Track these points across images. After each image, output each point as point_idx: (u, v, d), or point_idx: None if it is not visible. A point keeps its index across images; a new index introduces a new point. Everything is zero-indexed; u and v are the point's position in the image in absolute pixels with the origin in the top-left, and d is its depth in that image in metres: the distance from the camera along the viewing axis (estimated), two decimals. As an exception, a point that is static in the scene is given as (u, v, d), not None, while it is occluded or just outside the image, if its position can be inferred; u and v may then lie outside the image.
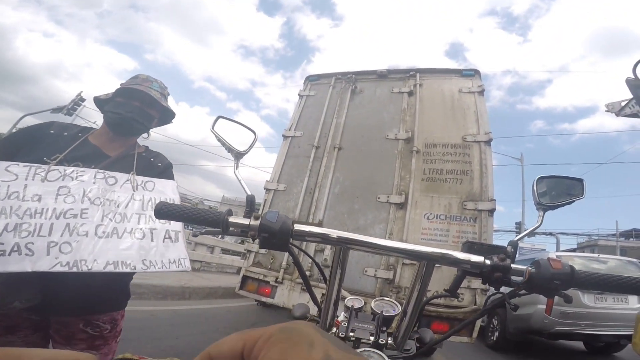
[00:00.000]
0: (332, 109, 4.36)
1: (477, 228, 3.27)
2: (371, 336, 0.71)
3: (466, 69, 4.16)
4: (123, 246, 1.09)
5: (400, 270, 3.31)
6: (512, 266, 0.61)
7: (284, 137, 4.45)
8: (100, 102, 1.38)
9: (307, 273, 3.03)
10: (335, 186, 3.90)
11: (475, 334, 3.09)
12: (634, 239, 28.38)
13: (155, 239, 1.16)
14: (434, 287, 2.71)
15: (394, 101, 4.19)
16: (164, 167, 1.44)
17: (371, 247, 0.64)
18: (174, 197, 1.30)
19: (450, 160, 3.63)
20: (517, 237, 0.75)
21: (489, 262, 0.61)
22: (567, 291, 0.61)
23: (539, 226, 0.80)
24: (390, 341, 0.74)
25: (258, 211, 0.66)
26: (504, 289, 0.66)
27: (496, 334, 5.79)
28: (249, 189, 0.76)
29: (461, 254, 0.63)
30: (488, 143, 3.59)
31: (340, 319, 0.80)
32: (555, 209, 0.80)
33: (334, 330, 0.75)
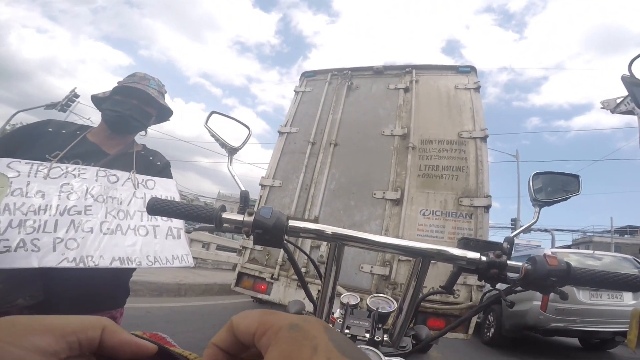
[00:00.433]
0: (328, 105, 4.35)
1: (473, 224, 3.28)
2: (367, 333, 0.70)
3: (462, 66, 4.16)
4: (128, 242, 1.11)
5: (396, 267, 3.32)
6: (508, 263, 0.61)
7: (280, 133, 4.43)
8: (98, 101, 1.39)
9: (302, 269, 3.03)
10: (331, 182, 3.89)
11: (471, 330, 3.11)
12: (629, 236, 28.64)
13: (158, 235, 1.18)
14: (430, 283, 2.72)
15: (390, 97, 4.19)
16: (163, 166, 1.46)
17: (367, 244, 0.64)
18: (174, 195, 1.31)
19: (446, 156, 3.63)
20: (513, 233, 0.74)
21: (485, 259, 0.61)
22: (562, 288, 0.61)
23: (535, 222, 0.80)
24: (386, 338, 0.74)
25: (252, 207, 0.65)
26: (500, 286, 0.66)
27: (492, 330, 5.83)
28: (243, 184, 0.75)
29: (457, 251, 0.63)
30: (484, 139, 3.60)
31: (336, 315, 0.80)
32: (552, 204, 0.80)
33: None
